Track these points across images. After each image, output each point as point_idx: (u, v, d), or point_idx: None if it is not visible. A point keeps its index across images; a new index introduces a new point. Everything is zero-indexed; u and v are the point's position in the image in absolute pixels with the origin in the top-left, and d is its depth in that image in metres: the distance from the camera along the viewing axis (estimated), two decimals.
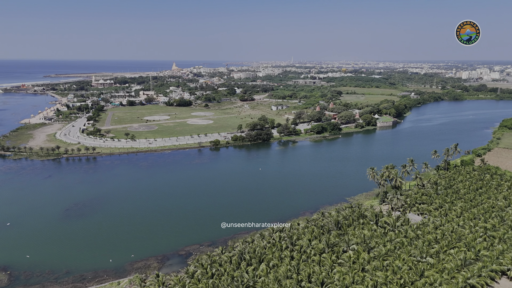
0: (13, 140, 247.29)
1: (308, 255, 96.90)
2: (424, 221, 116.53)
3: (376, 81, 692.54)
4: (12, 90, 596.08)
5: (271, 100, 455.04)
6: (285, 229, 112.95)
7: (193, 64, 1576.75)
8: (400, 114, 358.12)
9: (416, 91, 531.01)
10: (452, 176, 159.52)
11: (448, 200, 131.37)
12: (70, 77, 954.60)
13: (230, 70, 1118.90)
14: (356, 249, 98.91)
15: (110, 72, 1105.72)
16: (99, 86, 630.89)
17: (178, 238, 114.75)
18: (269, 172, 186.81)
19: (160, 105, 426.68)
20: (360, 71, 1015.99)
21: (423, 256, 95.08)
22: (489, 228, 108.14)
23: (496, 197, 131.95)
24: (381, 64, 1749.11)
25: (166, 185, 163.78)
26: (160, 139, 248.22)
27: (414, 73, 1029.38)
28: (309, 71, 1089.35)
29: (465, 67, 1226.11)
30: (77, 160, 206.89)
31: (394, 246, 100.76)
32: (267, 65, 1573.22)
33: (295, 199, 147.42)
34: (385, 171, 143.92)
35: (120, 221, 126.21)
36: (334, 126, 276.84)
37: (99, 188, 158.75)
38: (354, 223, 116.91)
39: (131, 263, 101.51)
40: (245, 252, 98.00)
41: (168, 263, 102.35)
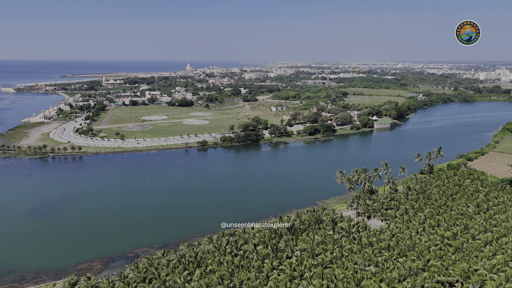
0: (7, 139, 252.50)
1: (249, 260, 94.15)
2: (382, 228, 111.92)
3: (387, 82, 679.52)
4: (25, 90, 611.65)
5: (273, 101, 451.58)
6: (237, 233, 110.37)
7: (208, 64, 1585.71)
8: (402, 115, 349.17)
9: (424, 93, 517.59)
10: (430, 181, 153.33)
11: (416, 206, 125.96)
12: (85, 77, 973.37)
13: (243, 70, 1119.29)
14: (300, 255, 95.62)
15: (125, 72, 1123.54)
16: (109, 86, 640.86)
17: (130, 240, 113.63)
18: (246, 173, 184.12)
19: (163, 105, 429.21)
20: (374, 72, 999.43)
21: (368, 264, 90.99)
22: (447, 237, 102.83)
23: (467, 204, 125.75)
24: (400, 65, 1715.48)
25: (137, 186, 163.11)
26: (149, 139, 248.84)
27: (430, 73, 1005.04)
28: (322, 71, 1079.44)
29: (486, 68, 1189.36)
30: (63, 159, 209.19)
31: (341, 253, 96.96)
32: (281, 65, 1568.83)
33: (264, 202, 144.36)
34: (355, 174, 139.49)
35: (79, 221, 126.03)
36: (327, 128, 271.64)
37: (71, 188, 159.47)
38: (310, 228, 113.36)
39: (75, 265, 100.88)
40: (185, 256, 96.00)
41: (113, 265, 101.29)
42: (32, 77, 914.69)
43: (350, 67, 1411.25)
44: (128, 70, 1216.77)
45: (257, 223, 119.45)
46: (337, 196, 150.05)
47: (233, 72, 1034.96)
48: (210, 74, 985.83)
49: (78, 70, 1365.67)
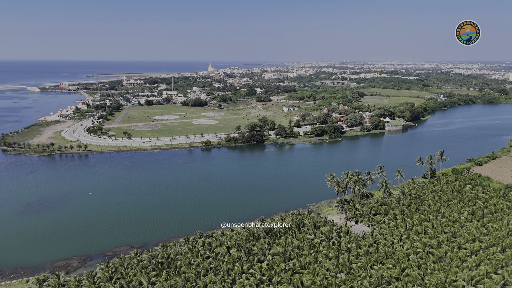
0: (21, 136, 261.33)
1: (220, 263, 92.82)
2: (365, 233, 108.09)
3: (408, 82, 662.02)
4: (50, 89, 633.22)
5: (287, 101, 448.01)
6: (215, 235, 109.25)
7: (231, 65, 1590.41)
8: (417, 117, 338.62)
9: (445, 94, 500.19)
10: (428, 185, 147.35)
11: (406, 212, 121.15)
12: (110, 77, 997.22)
13: (263, 70, 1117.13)
14: (272, 260, 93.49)
15: (149, 72, 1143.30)
16: (129, 86, 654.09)
17: (111, 239, 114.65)
18: (242, 174, 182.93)
19: (177, 105, 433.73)
20: (397, 72, 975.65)
21: (340, 271, 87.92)
22: (430, 245, 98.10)
23: (461, 211, 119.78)
24: (428, 65, 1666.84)
25: (132, 185, 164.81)
26: (155, 139, 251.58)
27: (457, 74, 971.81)
28: (344, 71, 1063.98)
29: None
30: (69, 157, 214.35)
31: (316, 258, 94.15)
32: (304, 65, 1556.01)
33: (254, 204, 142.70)
34: (345, 177, 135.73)
35: (67, 219, 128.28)
36: (335, 129, 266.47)
37: (68, 185, 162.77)
38: (290, 232, 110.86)
39: (53, 262, 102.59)
40: (157, 256, 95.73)
41: (89, 263, 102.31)
42: (60, 77, 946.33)
43: (375, 67, 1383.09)
44: (151, 70, 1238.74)
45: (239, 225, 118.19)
46: (330, 199, 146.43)
47: (254, 73, 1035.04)
48: (230, 74, 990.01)
49: (104, 70, 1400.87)
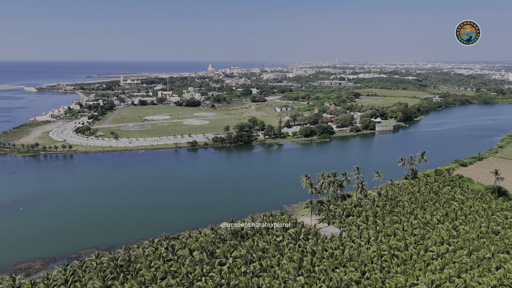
0: (9, 136, 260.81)
1: (180, 266, 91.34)
2: (334, 236, 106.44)
3: (406, 82, 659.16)
4: (46, 89, 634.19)
5: (281, 102, 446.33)
6: (181, 237, 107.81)
7: (231, 65, 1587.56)
8: (410, 118, 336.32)
9: (441, 94, 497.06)
10: (407, 187, 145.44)
11: (379, 214, 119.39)
12: (109, 77, 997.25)
13: (263, 71, 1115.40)
14: (233, 262, 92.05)
15: (148, 72, 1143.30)
16: (126, 86, 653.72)
17: (78, 241, 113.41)
18: (224, 175, 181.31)
19: (171, 105, 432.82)
20: (396, 72, 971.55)
21: (299, 274, 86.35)
22: (397, 247, 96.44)
23: (433, 213, 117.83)
24: (429, 65, 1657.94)
25: (110, 186, 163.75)
26: (142, 139, 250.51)
27: (457, 74, 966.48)
28: (344, 71, 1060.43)
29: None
30: (54, 157, 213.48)
31: (278, 261, 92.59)
32: (304, 66, 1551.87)
33: (229, 205, 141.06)
34: (320, 178, 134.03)
35: (37, 220, 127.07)
36: (324, 130, 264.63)
37: (46, 186, 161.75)
38: (258, 233, 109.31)
39: (15, 264, 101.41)
40: (118, 259, 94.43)
41: (52, 265, 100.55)
42: (59, 77, 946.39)
43: (377, 67, 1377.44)
44: (152, 71, 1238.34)
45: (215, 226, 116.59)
46: (308, 200, 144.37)
47: (253, 73, 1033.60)
48: (229, 74, 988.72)
49: (104, 70, 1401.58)
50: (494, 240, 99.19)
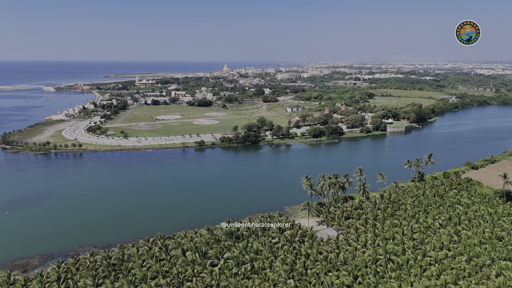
0: (23, 135, 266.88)
1: (172, 265, 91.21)
2: (330, 238, 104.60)
3: (422, 83, 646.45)
4: (64, 89, 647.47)
5: (293, 102, 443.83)
6: (176, 236, 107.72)
7: (247, 65, 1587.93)
8: (423, 119, 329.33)
9: (458, 95, 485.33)
10: (411, 189, 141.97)
11: (379, 217, 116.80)
12: (125, 77, 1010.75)
13: (278, 71, 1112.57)
14: (224, 263, 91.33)
15: (164, 72, 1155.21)
16: (141, 86, 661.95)
17: (77, 239, 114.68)
18: (227, 175, 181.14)
19: (183, 105, 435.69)
20: (414, 72, 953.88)
21: (290, 277, 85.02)
22: (393, 251, 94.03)
23: (436, 217, 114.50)
24: (450, 65, 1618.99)
25: (113, 184, 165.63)
26: (151, 138, 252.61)
27: (477, 74, 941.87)
28: (360, 71, 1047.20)
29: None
30: (64, 156, 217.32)
31: (270, 263, 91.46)
32: (320, 66, 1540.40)
33: (228, 206, 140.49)
34: (321, 180, 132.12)
35: (38, 218, 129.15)
36: (333, 130, 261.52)
37: (52, 184, 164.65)
38: (254, 235, 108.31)
39: (14, 260, 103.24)
40: (111, 257, 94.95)
41: (50, 262, 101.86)
42: (78, 77, 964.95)
43: (394, 67, 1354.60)
44: (167, 71, 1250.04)
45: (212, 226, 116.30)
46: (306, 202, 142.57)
47: (267, 73, 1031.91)
48: (244, 74, 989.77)
49: (122, 70, 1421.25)
50: (497, 246, 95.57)
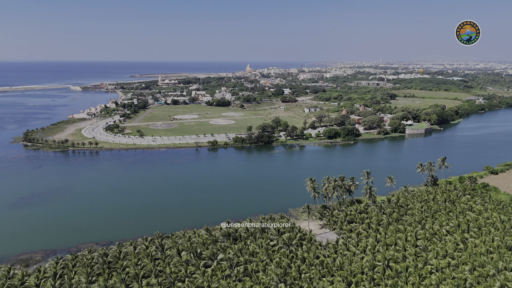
0: (45, 132, 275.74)
1: (166, 265, 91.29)
2: (329, 242, 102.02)
3: (449, 83, 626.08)
4: (90, 88, 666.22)
5: (312, 102, 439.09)
6: (174, 236, 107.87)
7: (269, 65, 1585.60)
8: (446, 121, 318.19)
9: (486, 96, 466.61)
10: (421, 194, 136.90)
11: (383, 222, 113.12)
12: (150, 77, 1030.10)
13: (301, 71, 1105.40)
14: (217, 265, 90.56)
15: (188, 72, 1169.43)
16: (164, 86, 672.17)
17: (81, 235, 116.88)
18: (236, 175, 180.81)
19: (202, 104, 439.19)
20: (442, 72, 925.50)
21: (282, 281, 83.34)
22: (393, 258, 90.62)
23: (442, 223, 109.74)
24: (481, 65, 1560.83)
25: (123, 182, 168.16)
26: (166, 137, 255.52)
27: (509, 75, 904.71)
28: (385, 71, 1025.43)
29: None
30: (81, 153, 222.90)
31: (264, 266, 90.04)
32: (345, 66, 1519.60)
33: (231, 206, 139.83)
34: (326, 182, 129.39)
35: (47, 213, 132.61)
36: (349, 131, 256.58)
37: (66, 180, 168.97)
38: (252, 237, 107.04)
39: (18, 255, 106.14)
40: (107, 255, 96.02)
41: (51, 258, 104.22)
42: (104, 77, 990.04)
43: (422, 67, 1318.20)
44: (190, 71, 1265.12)
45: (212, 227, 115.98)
46: (313, 205, 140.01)
47: (290, 73, 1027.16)
48: (266, 74, 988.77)
49: (148, 70, 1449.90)
50: (505, 256, 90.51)
